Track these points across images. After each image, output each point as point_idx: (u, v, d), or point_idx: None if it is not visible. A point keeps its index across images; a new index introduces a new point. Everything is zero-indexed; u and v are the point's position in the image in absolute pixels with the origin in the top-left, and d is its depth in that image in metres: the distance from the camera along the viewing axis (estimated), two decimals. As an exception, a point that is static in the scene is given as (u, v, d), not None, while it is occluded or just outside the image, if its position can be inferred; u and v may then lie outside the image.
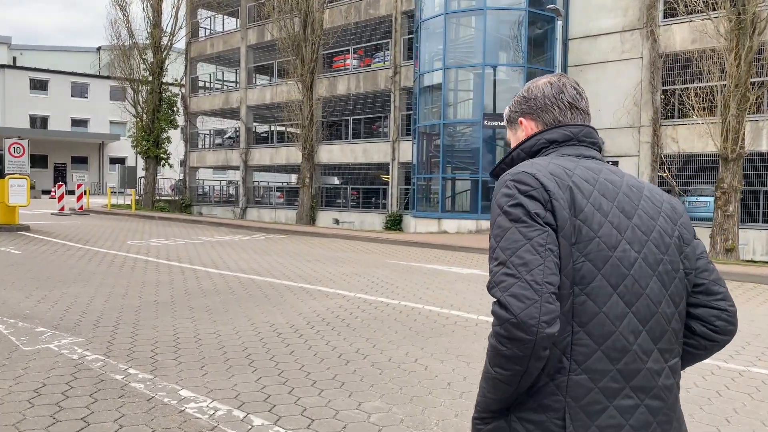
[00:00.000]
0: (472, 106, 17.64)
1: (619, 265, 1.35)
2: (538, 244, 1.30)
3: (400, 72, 23.89)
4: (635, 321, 1.36)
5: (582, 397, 1.32)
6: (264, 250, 13.40)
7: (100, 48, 58.56)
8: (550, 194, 1.34)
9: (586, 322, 1.33)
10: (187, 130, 32.97)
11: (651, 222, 1.43)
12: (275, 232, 17.94)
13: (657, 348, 1.39)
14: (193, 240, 15.29)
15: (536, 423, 1.34)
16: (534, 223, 1.32)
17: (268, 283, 9.04)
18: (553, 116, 1.55)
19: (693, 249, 1.48)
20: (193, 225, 20.39)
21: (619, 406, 1.34)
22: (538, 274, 1.27)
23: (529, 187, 1.35)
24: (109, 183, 46.50)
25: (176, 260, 11.39)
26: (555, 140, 1.51)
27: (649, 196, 1.48)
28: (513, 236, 1.32)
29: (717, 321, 1.47)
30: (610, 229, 1.37)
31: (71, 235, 15.32)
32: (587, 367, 1.33)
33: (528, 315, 1.24)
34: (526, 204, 1.34)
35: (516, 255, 1.29)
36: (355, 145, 25.65)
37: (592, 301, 1.33)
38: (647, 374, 1.37)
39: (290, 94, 27.58)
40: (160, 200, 30.63)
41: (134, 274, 9.67)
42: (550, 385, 1.33)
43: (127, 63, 28.34)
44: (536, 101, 1.57)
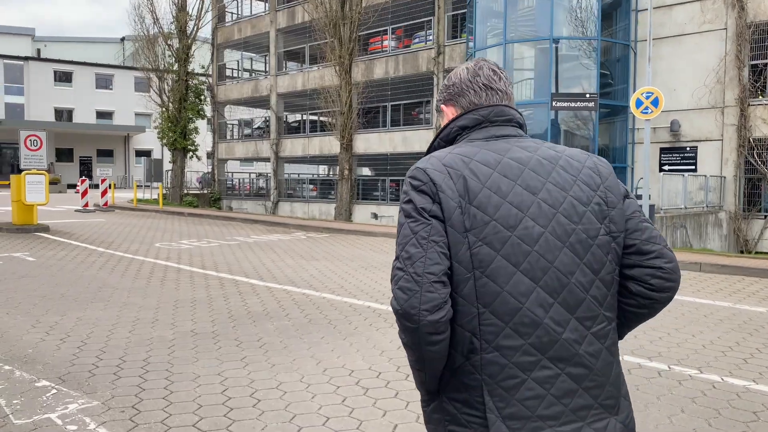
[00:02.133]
0: (533, 86, 15.76)
1: (521, 243, 1.38)
2: (422, 237, 1.36)
3: (444, 52, 22.01)
4: (543, 294, 1.38)
5: (497, 374, 1.36)
6: (309, 254, 11.74)
7: (124, 38, 57.51)
8: (437, 187, 1.40)
9: (491, 302, 1.37)
10: (214, 120, 31.49)
11: (561, 194, 1.44)
12: (315, 229, 16.31)
13: (574, 317, 1.40)
14: (227, 240, 13.72)
15: (461, 401, 1.40)
16: (420, 217, 1.38)
17: (327, 302, 7.36)
18: (468, 99, 1.58)
19: (621, 211, 1.48)
20: (225, 222, 18.86)
21: (537, 378, 1.37)
22: (419, 266, 1.34)
23: (420, 182, 1.42)
24: (135, 176, 45.44)
25: (212, 268, 9.79)
26: (466, 126, 1.54)
27: (565, 166, 1.47)
28: (404, 231, 1.40)
29: (652, 279, 1.47)
30: (509, 210, 1.40)
31: (93, 237, 13.85)
32: (497, 344, 1.37)
33: (409, 305, 1.32)
34: (415, 199, 1.41)
35: (404, 249, 1.37)
36: (393, 133, 23.86)
37: (493, 282, 1.37)
38: (564, 344, 1.39)
39: (323, 79, 25.89)
40: (188, 194, 29.24)
41: (165, 288, 8.07)
42: (466, 365, 1.38)
43: (151, 50, 26.87)
44: (454, 87, 1.60)
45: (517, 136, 1.54)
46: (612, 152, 15.45)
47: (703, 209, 15.52)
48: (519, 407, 1.37)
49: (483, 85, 1.57)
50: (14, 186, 14.28)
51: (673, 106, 17.23)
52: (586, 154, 1.55)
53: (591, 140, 14.92)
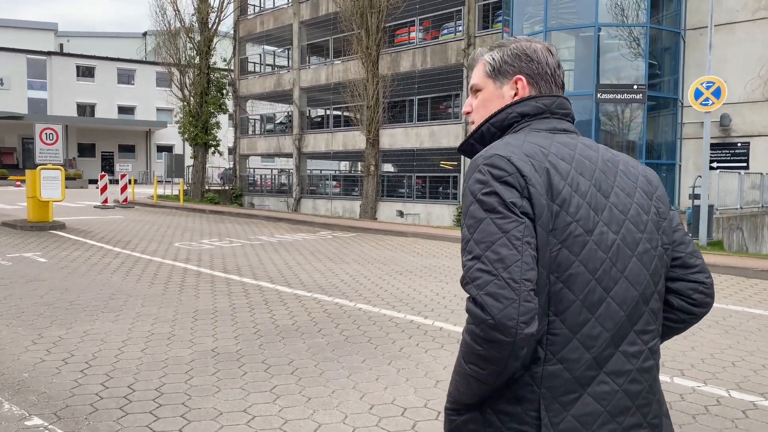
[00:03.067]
0: (573, 77, 14.77)
1: (597, 249, 1.28)
2: (515, 237, 1.21)
3: (475, 43, 21.06)
4: (614, 306, 1.29)
5: (557, 388, 1.26)
6: (337, 255, 10.95)
7: (146, 33, 57.27)
8: (526, 180, 1.25)
9: (563, 311, 1.26)
10: (236, 114, 30.87)
11: (628, 200, 1.35)
12: (340, 228, 15.52)
13: (634, 330, 1.32)
14: (250, 240, 12.98)
15: (511, 414, 1.28)
16: (510, 214, 1.23)
17: (364, 315, 6.55)
18: (549, 90, 1.44)
19: (669, 222, 1.42)
20: (247, 220, 18.16)
21: (595, 393, 1.28)
22: (515, 271, 1.19)
23: (504, 172, 1.26)
24: (156, 172, 45.12)
25: (235, 271, 9.04)
26: (527, 113, 1.41)
27: (624, 170, 1.39)
28: (488, 228, 1.23)
29: (694, 294, 1.43)
30: (587, 211, 1.29)
31: (110, 236, 13.20)
32: (562, 356, 1.26)
33: (506, 316, 1.16)
34: (501, 192, 1.24)
35: (491, 249, 1.21)
36: (420, 128, 22.99)
37: (568, 289, 1.26)
38: (622, 358, 1.31)
39: (348, 73, 25.09)
40: (209, 190, 28.66)
41: (183, 296, 7.32)
42: (525, 376, 1.26)
43: (173, 43, 26.27)
44: (539, 66, 1.44)
45: (575, 133, 1.44)
46: (658, 148, 14.44)
47: (758, 209, 14.45)
48: (573, 424, 1.27)
49: (562, 83, 1.48)
50: (29, 181, 13.70)
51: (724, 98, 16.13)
52: (635, 160, 1.48)
53: (639, 135, 13.93)
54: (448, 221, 21.55)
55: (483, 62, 1.52)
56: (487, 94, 1.48)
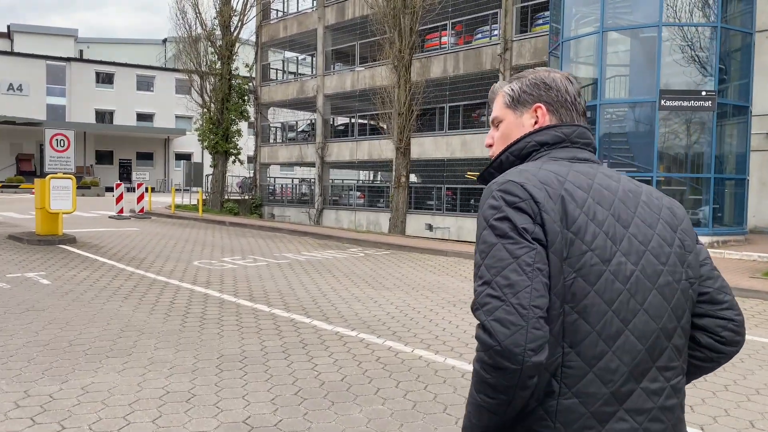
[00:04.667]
0: (628, 82, 13.48)
1: (614, 279, 1.25)
2: (526, 263, 1.19)
3: (512, 48, 19.85)
4: (632, 339, 1.25)
5: (573, 423, 1.23)
6: (375, 279, 9.73)
7: (165, 40, 56.79)
8: (539, 206, 1.24)
9: (578, 343, 1.23)
10: (257, 122, 29.88)
11: (649, 231, 1.32)
12: (372, 245, 14.31)
13: (656, 366, 1.28)
14: (276, 258, 11.81)
15: None
16: (521, 239, 1.21)
17: (428, 366, 5.31)
18: (570, 118, 1.43)
19: (696, 256, 1.37)
20: (270, 234, 17.02)
21: (613, 430, 1.23)
22: (524, 297, 1.17)
23: (517, 198, 1.25)
24: (174, 180, 44.34)
25: (263, 300, 7.85)
26: (546, 143, 1.40)
27: (647, 201, 1.36)
28: (499, 254, 1.21)
29: (723, 331, 1.36)
30: (604, 241, 1.25)
31: (123, 252, 12.10)
32: (578, 390, 1.23)
33: (513, 342, 1.14)
34: (514, 218, 1.23)
35: (501, 275, 1.19)
36: (451, 137, 21.79)
37: (584, 320, 1.23)
38: (643, 395, 1.27)
39: (374, 79, 23.99)
40: (229, 200, 27.63)
41: (205, 333, 6.14)
42: (539, 410, 1.23)
43: (193, 47, 25.34)
44: (559, 94, 1.44)
45: (597, 163, 1.41)
46: (725, 161, 13.11)
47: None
48: None
49: (583, 110, 1.46)
50: (38, 191, 12.68)
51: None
52: (659, 192, 1.43)
53: (707, 147, 12.58)
54: (481, 236, 20.29)
55: (502, 94, 1.51)
56: (508, 124, 1.47)
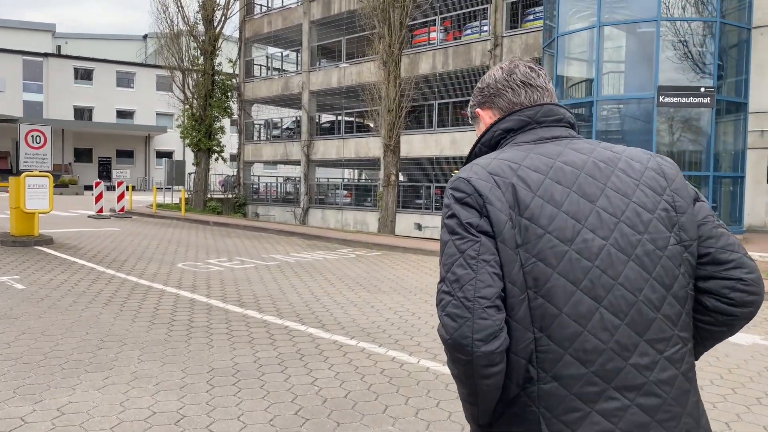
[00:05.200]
0: (624, 78, 13.19)
1: (579, 257, 1.24)
2: (470, 256, 1.22)
3: (502, 44, 19.55)
4: (608, 315, 1.23)
5: (557, 406, 1.22)
6: (370, 282, 9.32)
7: (146, 36, 55.81)
8: (484, 199, 1.27)
9: (548, 326, 1.22)
10: (241, 119, 29.28)
11: (623, 200, 1.29)
12: (362, 245, 13.90)
13: (644, 340, 1.25)
14: (264, 260, 11.34)
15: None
16: (467, 234, 1.25)
17: (437, 379, 4.91)
18: (507, 99, 1.47)
19: (692, 216, 1.32)
20: (256, 234, 16.52)
21: (603, 410, 1.22)
22: (469, 289, 1.20)
23: (464, 194, 1.29)
24: (155, 179, 43.51)
25: (253, 305, 7.40)
26: (511, 128, 1.43)
27: (625, 168, 1.33)
28: (449, 250, 1.26)
29: (732, 293, 1.28)
30: (564, 220, 1.26)
31: (104, 253, 11.56)
32: (556, 373, 1.22)
33: (461, 335, 1.18)
34: (459, 213, 1.28)
35: (450, 271, 1.23)
36: (440, 134, 21.44)
37: (550, 303, 1.23)
38: (632, 371, 1.24)
39: (361, 76, 23.56)
40: (212, 199, 27.01)
41: (193, 343, 5.68)
42: (522, 396, 1.25)
43: (175, 42, 24.69)
44: (488, 89, 1.50)
45: (569, 138, 1.41)
46: (721, 158, 12.88)
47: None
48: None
49: (521, 83, 1.46)
50: (13, 190, 12.07)
51: (785, 104, 14.58)
52: (648, 153, 1.39)
53: (706, 144, 12.34)
54: (470, 235, 19.96)
55: None
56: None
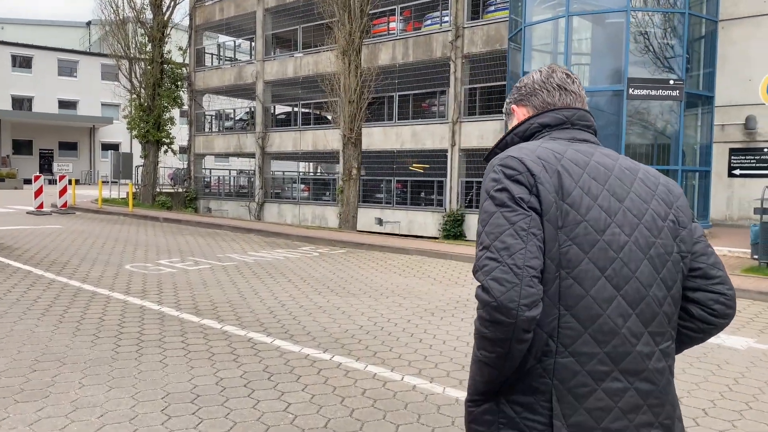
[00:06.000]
0: (589, 71, 12.93)
1: (608, 248, 1.35)
2: (521, 228, 1.30)
3: (463, 35, 19.13)
4: (624, 304, 1.35)
5: (569, 380, 1.32)
6: (338, 284, 8.72)
7: (90, 22, 53.38)
8: (535, 179, 1.35)
9: (573, 306, 1.32)
10: (191, 110, 28.09)
11: (643, 205, 1.42)
12: (324, 242, 13.28)
13: (648, 331, 1.37)
14: (220, 260, 10.60)
15: (524, 405, 1.34)
16: (518, 207, 1.32)
17: (426, 401, 4.36)
18: (541, 98, 1.56)
19: (690, 233, 1.47)
20: (211, 231, 15.67)
21: (608, 389, 1.33)
22: (519, 258, 1.27)
23: (515, 171, 1.36)
24: (101, 172, 41.64)
25: (211, 313, 6.72)
26: (547, 124, 1.52)
27: (644, 178, 1.47)
28: (497, 221, 1.32)
29: (715, 305, 1.46)
30: (599, 213, 1.36)
31: (43, 254, 10.60)
32: (574, 350, 1.32)
33: (508, 298, 1.25)
34: (511, 188, 1.34)
35: (499, 240, 1.30)
36: (401, 127, 20.92)
37: (578, 285, 1.32)
38: (637, 357, 1.35)
39: (318, 66, 22.82)
40: (161, 193, 25.84)
41: (144, 362, 4.98)
42: (537, 367, 1.33)
43: (121, 28, 23.41)
44: (525, 88, 1.60)
45: (595, 143, 1.53)
46: (690, 152, 12.78)
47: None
48: (586, 417, 1.32)
49: (557, 86, 1.56)
50: (-62, 186, 10.93)
51: (748, 99, 14.64)
52: (657, 171, 1.54)
53: (674, 138, 12.17)
54: (432, 230, 19.54)
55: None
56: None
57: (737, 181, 14.86)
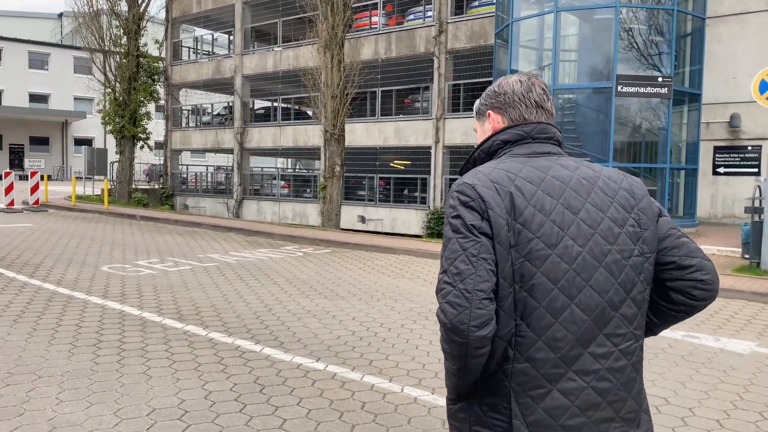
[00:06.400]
0: (577, 67, 12.79)
1: (560, 261, 1.42)
2: (471, 254, 1.40)
3: (447, 30, 18.93)
4: (578, 311, 1.43)
5: (526, 383, 1.42)
6: (325, 286, 8.45)
7: (62, 14, 52.11)
8: (486, 204, 1.43)
9: (528, 316, 1.42)
10: (168, 105, 27.47)
11: (599, 215, 1.48)
12: (308, 242, 12.97)
13: (603, 333, 1.45)
14: (201, 261, 10.25)
15: (489, 405, 1.47)
16: (470, 234, 1.42)
17: (432, 417, 4.12)
18: (519, 113, 1.62)
19: (653, 232, 1.52)
20: (190, 230, 15.26)
21: (563, 389, 1.42)
22: (469, 282, 1.37)
23: (469, 198, 1.45)
24: (74, 168, 40.69)
25: (195, 318, 6.40)
26: (508, 140, 1.60)
27: (603, 186, 1.52)
28: (453, 246, 1.43)
29: (694, 290, 1.52)
30: (551, 228, 1.43)
31: (14, 254, 10.14)
32: (529, 356, 1.42)
33: (459, 321, 1.36)
34: (464, 215, 1.44)
35: (453, 265, 1.41)
36: (384, 123, 20.66)
37: (531, 297, 1.41)
38: (590, 358, 1.44)
39: (299, 60, 22.44)
40: (137, 190, 25.23)
41: (126, 374, 4.66)
42: (498, 372, 1.45)
43: (95, 20, 22.75)
44: (505, 96, 1.64)
45: (557, 154, 1.59)
46: (677, 150, 12.72)
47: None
48: (543, 416, 1.41)
49: (535, 102, 1.62)
50: None
51: (733, 97, 14.66)
52: (622, 174, 1.58)
53: (661, 136, 12.09)
54: (415, 228, 19.32)
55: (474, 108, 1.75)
56: (480, 132, 1.72)
57: (721, 179, 14.88)
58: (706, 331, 6.41)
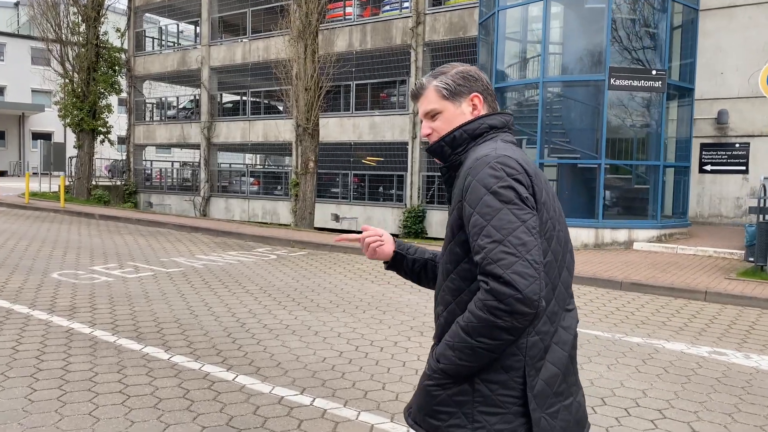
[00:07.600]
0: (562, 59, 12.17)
1: (558, 242, 1.53)
2: (531, 226, 1.41)
3: (425, 21, 18.20)
4: (562, 289, 1.55)
5: (535, 355, 1.47)
6: (304, 295, 7.63)
7: (18, 3, 49.90)
8: (531, 179, 1.47)
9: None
10: (131, 97, 26.17)
11: (559, 204, 1.60)
12: (280, 242, 12.12)
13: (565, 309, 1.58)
14: (164, 265, 9.32)
15: (499, 382, 1.46)
16: (525, 206, 1.43)
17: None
18: (491, 101, 1.68)
19: None
20: (153, 230, 14.24)
21: (553, 359, 1.51)
22: (536, 254, 1.38)
23: (515, 171, 1.46)
24: (32, 163, 38.86)
25: (156, 337, 5.53)
26: (495, 126, 1.63)
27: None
28: (506, 217, 1.40)
29: None
30: (554, 212, 1.54)
31: (-47, 260, 9.07)
32: (539, 329, 1.48)
33: (532, 291, 1.35)
34: (517, 188, 1.44)
35: (513, 235, 1.38)
36: (359, 118, 19.85)
37: (546, 275, 1.46)
38: (569, 330, 1.57)
39: (269, 51, 21.47)
40: (98, 186, 23.94)
41: (68, 417, 3.80)
42: (512, 347, 1.45)
43: (53, 10, 21.40)
44: (482, 83, 1.67)
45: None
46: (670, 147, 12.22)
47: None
48: (543, 385, 1.48)
49: (493, 92, 1.70)
50: None
51: (719, 93, 14.26)
52: None
53: (656, 132, 11.53)
54: (392, 227, 18.56)
55: (435, 88, 1.67)
56: (449, 114, 1.65)
57: (708, 177, 14.47)
58: (732, 347, 5.80)
